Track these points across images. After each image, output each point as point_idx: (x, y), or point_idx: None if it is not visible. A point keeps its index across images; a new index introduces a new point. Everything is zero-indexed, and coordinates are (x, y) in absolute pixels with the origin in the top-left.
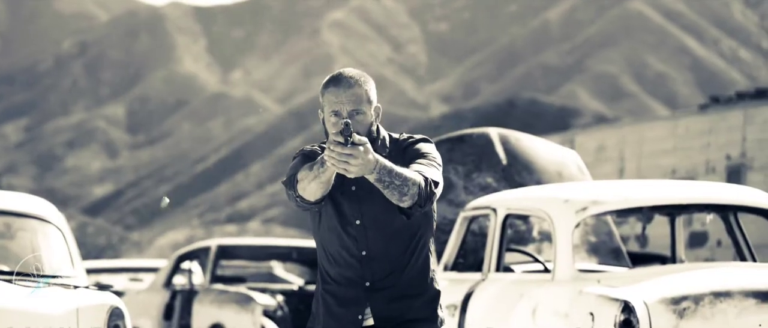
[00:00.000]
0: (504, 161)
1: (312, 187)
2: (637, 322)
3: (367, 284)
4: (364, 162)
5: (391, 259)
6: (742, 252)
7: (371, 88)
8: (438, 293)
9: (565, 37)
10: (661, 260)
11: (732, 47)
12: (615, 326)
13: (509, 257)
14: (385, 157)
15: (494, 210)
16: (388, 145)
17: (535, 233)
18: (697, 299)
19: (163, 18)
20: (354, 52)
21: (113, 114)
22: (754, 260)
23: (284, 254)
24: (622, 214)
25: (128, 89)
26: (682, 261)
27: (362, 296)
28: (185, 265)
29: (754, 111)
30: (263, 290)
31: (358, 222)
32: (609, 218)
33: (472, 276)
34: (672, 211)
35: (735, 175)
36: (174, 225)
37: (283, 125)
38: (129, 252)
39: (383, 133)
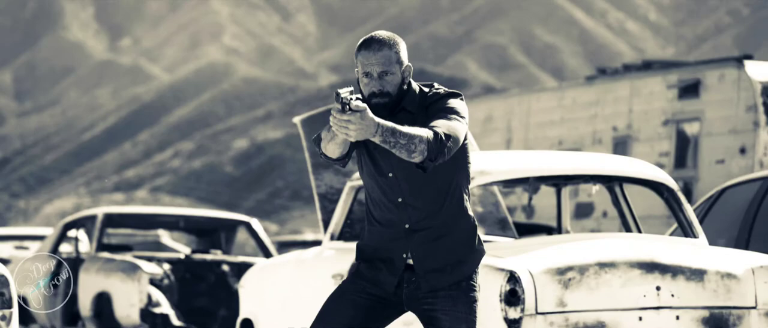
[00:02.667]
0: None
1: (330, 147)
2: (523, 292)
3: (406, 226)
4: (362, 127)
5: (425, 204)
6: (627, 223)
7: (401, 50)
8: (474, 228)
9: (454, 8)
10: (547, 230)
11: (619, 19)
12: (501, 296)
13: None
14: (413, 110)
15: None
16: (417, 100)
17: None
18: (583, 270)
19: None
20: (243, 21)
21: (0, 81)
22: (640, 231)
23: (171, 223)
24: (509, 184)
25: (15, 56)
26: (567, 232)
27: (403, 235)
28: (72, 233)
29: (641, 83)
30: (150, 259)
31: (390, 174)
32: (495, 189)
33: None
34: (558, 181)
35: (621, 146)
36: (61, 193)
37: (172, 94)
38: (15, 220)
39: (414, 86)
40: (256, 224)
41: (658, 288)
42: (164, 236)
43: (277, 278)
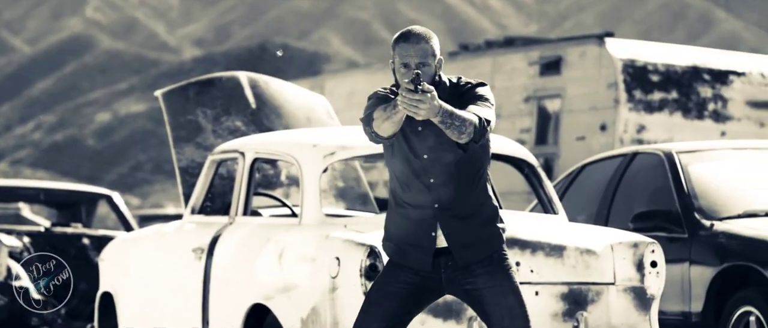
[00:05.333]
0: (253, 105)
1: (385, 126)
2: (382, 266)
3: (436, 205)
4: (431, 107)
5: (455, 184)
6: None
7: (435, 44)
8: (496, 209)
9: None
10: None
11: None
12: (361, 270)
13: (257, 201)
14: (444, 99)
15: (242, 154)
16: (448, 88)
17: (283, 178)
18: None
19: None
20: None
21: None
22: (500, 207)
23: (32, 196)
24: (370, 159)
25: None
26: None
27: (432, 215)
28: None
29: (503, 59)
30: (9, 232)
31: (425, 156)
32: (357, 163)
33: (220, 220)
34: None
35: None
36: None
37: (33, 66)
38: None
39: (444, 78)
40: (117, 197)
41: (517, 264)
42: (24, 209)
43: (138, 251)
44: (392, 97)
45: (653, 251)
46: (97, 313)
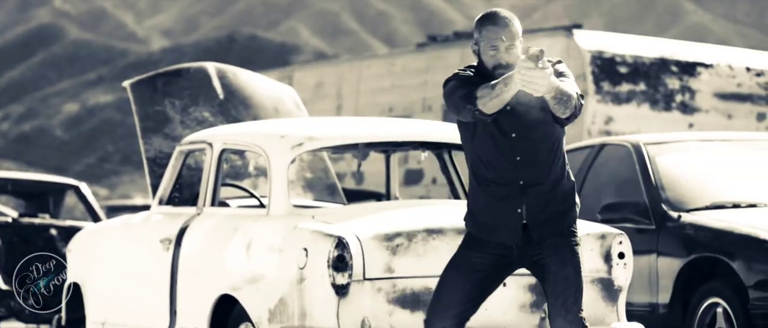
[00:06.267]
0: (221, 96)
1: (493, 103)
2: (351, 258)
3: (521, 182)
4: (548, 83)
5: (539, 161)
6: (455, 190)
7: (519, 26)
8: (573, 184)
9: None
10: (376, 197)
11: None
12: (328, 261)
13: (225, 192)
14: None
15: (210, 145)
16: None
17: (251, 169)
18: (411, 236)
19: None
20: None
21: None
22: (468, 198)
23: None
24: (338, 150)
25: None
26: (396, 198)
27: (517, 192)
28: None
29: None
30: None
31: (513, 135)
32: (325, 155)
33: (187, 210)
34: (387, 148)
35: (451, 113)
36: None
37: (1, 57)
38: None
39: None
40: (84, 187)
41: None
42: None
43: (106, 242)
44: (474, 77)
45: (621, 243)
46: (64, 304)
